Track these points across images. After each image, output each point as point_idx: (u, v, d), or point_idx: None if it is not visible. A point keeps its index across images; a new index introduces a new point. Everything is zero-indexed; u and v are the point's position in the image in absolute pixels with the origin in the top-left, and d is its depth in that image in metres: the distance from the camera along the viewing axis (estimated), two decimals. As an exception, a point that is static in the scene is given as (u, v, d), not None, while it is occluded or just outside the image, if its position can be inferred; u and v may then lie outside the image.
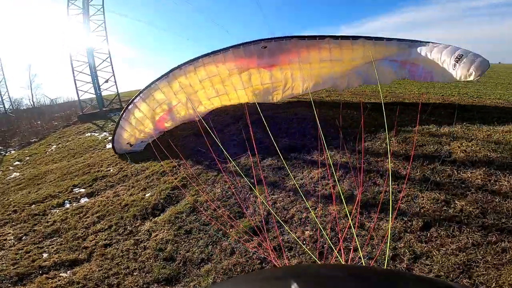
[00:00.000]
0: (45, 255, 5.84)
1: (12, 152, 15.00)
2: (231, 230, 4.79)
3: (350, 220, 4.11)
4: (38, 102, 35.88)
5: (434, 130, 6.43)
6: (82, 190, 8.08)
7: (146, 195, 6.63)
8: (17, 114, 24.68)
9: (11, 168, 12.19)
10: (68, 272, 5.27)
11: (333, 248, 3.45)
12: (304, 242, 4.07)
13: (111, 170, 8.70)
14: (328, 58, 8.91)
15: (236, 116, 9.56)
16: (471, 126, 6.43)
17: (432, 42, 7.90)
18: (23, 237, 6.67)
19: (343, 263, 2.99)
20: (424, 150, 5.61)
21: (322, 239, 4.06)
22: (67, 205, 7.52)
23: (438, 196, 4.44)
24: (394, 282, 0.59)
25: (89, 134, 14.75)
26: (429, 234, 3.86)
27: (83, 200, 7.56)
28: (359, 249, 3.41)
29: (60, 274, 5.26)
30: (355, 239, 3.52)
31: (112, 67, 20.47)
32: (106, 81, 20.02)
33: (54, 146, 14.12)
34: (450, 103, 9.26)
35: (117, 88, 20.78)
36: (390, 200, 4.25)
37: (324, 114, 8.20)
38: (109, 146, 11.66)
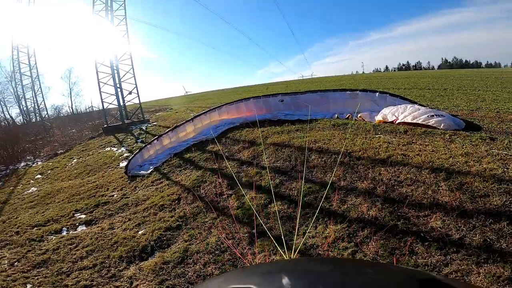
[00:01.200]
0: (28, 286, 5.61)
1: (39, 163, 15.84)
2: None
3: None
4: (77, 110, 38.81)
5: (500, 172, 4.79)
6: (83, 216, 7.87)
7: (139, 233, 6.11)
8: (54, 122, 26.62)
9: (31, 181, 12.71)
10: (44, 311, 4.95)
11: None
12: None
13: (115, 196, 8.44)
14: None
15: (250, 141, 8.85)
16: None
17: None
18: (15, 263, 6.56)
19: None
20: (487, 203, 4.24)
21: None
22: (64, 233, 7.32)
23: (501, 272, 3.23)
24: (382, 274, 0.61)
25: (108, 148, 15.07)
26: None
27: (80, 229, 7.31)
28: None
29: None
30: None
31: (135, 79, 21.20)
32: (130, 93, 20.73)
33: (75, 160, 14.59)
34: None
35: (139, 100, 21.38)
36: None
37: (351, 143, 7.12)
38: (123, 164, 11.63)
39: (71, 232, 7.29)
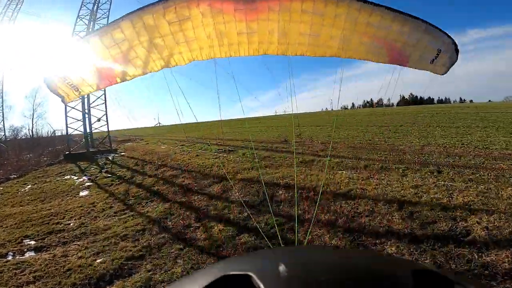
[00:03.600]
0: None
1: (-15, 187, 14.76)
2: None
3: None
4: (37, 134, 36.93)
5: (445, 201, 5.87)
6: (32, 242, 7.52)
7: (97, 261, 6.02)
8: (11, 145, 25.20)
9: (-27, 205, 11.79)
10: None
11: None
12: None
13: (71, 224, 8.20)
14: (311, 11, 8.75)
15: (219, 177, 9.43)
16: (488, 192, 5.94)
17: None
18: None
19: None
20: (435, 229, 5.02)
21: None
22: (10, 257, 6.90)
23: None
24: (380, 264, 0.63)
25: (68, 176, 14.59)
26: None
27: (28, 254, 6.95)
28: None
29: None
30: None
31: (106, 106, 21.13)
32: (98, 120, 20.50)
33: (29, 186, 13.85)
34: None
35: (108, 128, 21.07)
36: None
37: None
38: (83, 193, 11.38)
39: (17, 257, 6.89)
